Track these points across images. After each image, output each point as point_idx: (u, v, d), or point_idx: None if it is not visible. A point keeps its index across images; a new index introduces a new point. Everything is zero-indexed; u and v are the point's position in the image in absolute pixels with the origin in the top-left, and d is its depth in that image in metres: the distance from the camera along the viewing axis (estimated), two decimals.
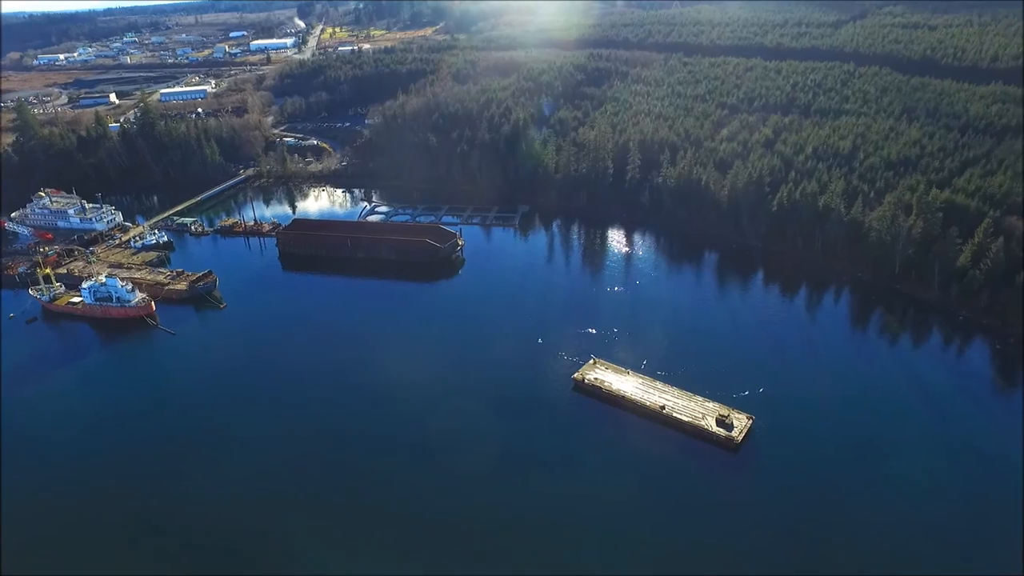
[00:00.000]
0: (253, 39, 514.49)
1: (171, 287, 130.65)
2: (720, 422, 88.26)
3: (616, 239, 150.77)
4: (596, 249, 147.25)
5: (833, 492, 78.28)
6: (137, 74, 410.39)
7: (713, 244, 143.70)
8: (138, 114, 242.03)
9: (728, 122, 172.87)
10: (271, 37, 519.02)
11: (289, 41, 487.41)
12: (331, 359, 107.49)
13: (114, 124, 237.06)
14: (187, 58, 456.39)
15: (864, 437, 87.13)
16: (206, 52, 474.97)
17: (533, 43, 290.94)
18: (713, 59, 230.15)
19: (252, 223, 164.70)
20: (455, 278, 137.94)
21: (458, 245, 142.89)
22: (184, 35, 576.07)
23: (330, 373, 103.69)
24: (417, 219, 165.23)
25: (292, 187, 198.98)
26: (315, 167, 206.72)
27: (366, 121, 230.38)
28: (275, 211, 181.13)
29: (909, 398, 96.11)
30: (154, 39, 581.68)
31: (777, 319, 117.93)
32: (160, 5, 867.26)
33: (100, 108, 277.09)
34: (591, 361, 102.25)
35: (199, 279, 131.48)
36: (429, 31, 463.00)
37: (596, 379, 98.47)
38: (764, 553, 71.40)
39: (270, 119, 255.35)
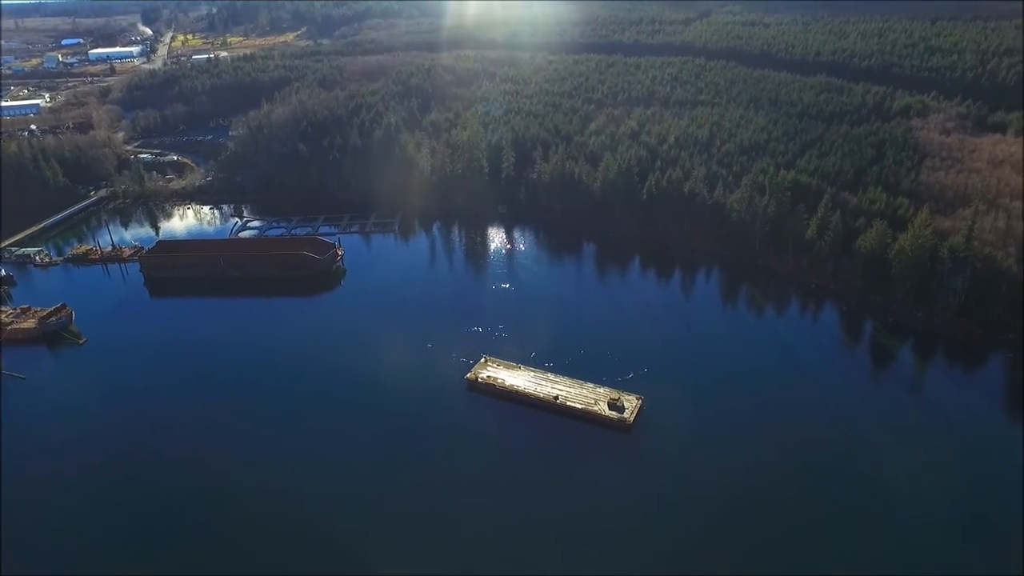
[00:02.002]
0: (92, 47, 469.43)
1: (16, 326, 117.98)
2: (612, 405, 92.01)
3: (496, 237, 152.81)
4: (477, 248, 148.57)
5: (722, 459, 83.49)
6: None
7: (590, 234, 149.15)
8: None
9: (595, 116, 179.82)
10: (113, 45, 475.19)
11: (135, 49, 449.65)
12: (209, 387, 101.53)
13: None
14: (10, 68, 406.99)
15: (741, 403, 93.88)
16: (34, 62, 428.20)
17: (400, 46, 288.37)
18: (577, 56, 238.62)
19: (110, 248, 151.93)
20: (337, 289, 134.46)
21: (338, 255, 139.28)
22: (4, 42, 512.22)
23: (208, 403, 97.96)
24: (293, 232, 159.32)
25: (153, 207, 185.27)
26: (177, 184, 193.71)
27: (230, 133, 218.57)
28: (136, 234, 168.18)
29: (777, 362, 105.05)
30: None
31: (655, 301, 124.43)
32: None
33: None
34: (483, 359, 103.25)
35: (50, 314, 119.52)
36: (290, 37, 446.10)
37: (489, 376, 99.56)
38: (662, 524, 75.46)
39: (121, 135, 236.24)
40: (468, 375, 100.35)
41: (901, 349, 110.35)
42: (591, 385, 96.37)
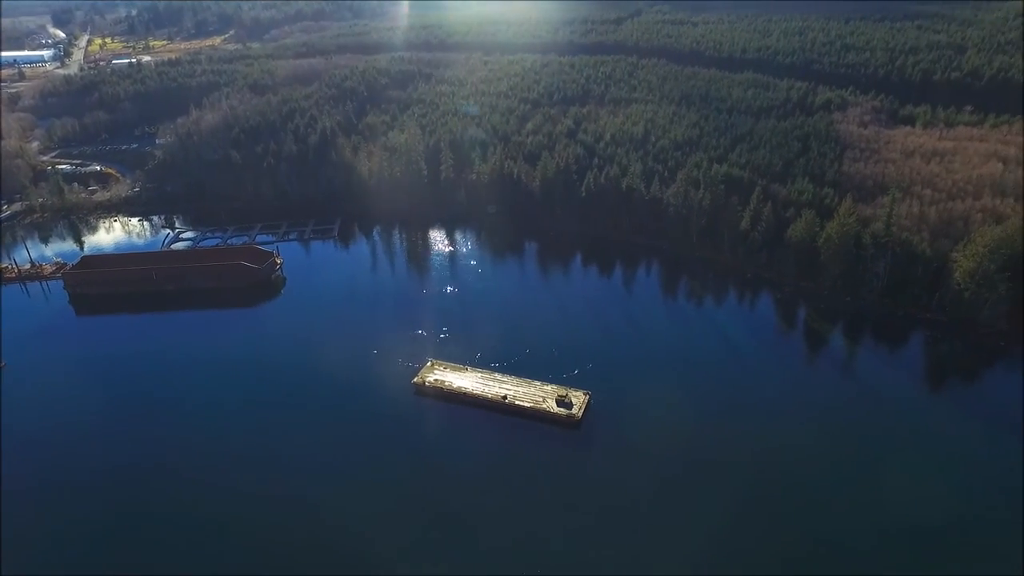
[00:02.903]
0: None
1: None
2: (560, 402, 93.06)
3: (438, 239, 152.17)
4: (419, 252, 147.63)
5: (670, 449, 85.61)
6: None
7: (531, 234, 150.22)
8: None
9: (532, 116, 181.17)
10: (21, 49, 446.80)
11: (47, 53, 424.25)
12: (145, 405, 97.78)
13: None
14: None
15: (686, 393, 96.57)
16: None
17: (333, 49, 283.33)
18: (512, 57, 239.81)
19: (29, 266, 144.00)
20: (278, 298, 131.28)
21: (277, 264, 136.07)
22: None
23: (144, 421, 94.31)
24: (229, 241, 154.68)
25: (76, 221, 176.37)
26: (101, 196, 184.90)
27: (157, 141, 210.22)
28: (58, 249, 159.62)
29: (718, 351, 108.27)
30: None
31: (598, 297, 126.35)
32: None
33: None
34: (429, 363, 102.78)
35: None
36: (217, 40, 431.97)
37: (436, 380, 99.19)
38: (614, 517, 76.70)
39: (35, 144, 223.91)
40: (415, 379, 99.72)
41: (832, 332, 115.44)
42: (539, 383, 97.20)
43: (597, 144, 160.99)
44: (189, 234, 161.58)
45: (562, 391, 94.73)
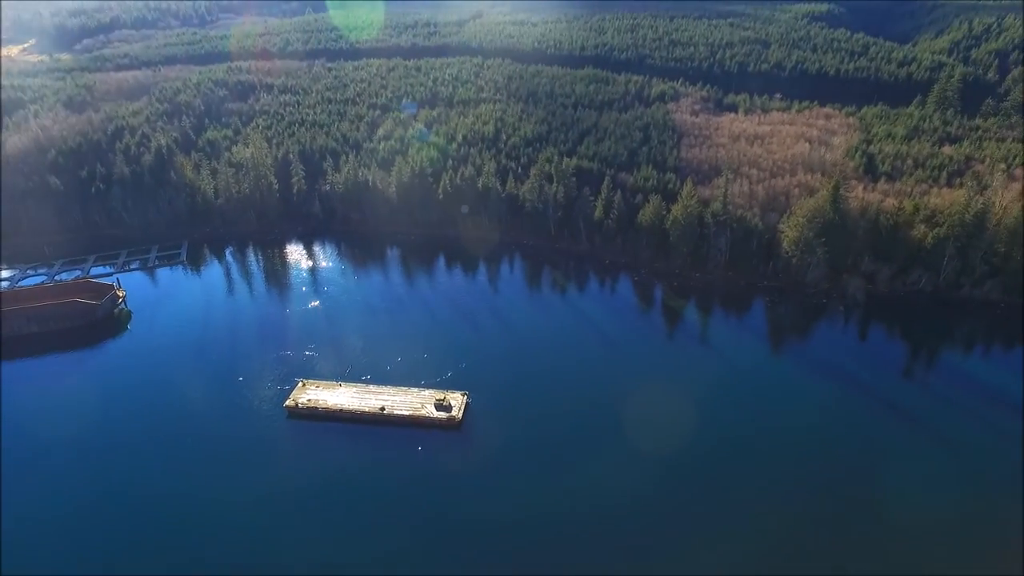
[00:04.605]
0: None
1: None
2: (439, 406, 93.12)
3: (296, 255, 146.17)
4: (277, 269, 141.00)
5: (550, 439, 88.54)
6: None
7: (392, 240, 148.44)
8: None
9: (382, 122, 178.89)
10: None
11: None
12: None
13: None
14: None
15: (559, 382, 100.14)
16: None
17: (160, 60, 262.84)
18: (356, 62, 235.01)
19: None
20: (124, 335, 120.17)
21: (119, 297, 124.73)
22: None
23: None
24: (57, 278, 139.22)
25: None
26: None
27: None
28: None
29: (586, 337, 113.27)
30: None
31: (464, 297, 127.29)
32: None
33: None
34: (300, 383, 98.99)
35: None
36: (14, 50, 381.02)
37: (309, 400, 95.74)
38: (499, 514, 78.13)
39: None
40: (287, 402, 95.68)
41: (687, 307, 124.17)
42: (415, 390, 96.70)
43: (450, 145, 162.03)
44: (6, 274, 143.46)
45: (440, 395, 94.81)
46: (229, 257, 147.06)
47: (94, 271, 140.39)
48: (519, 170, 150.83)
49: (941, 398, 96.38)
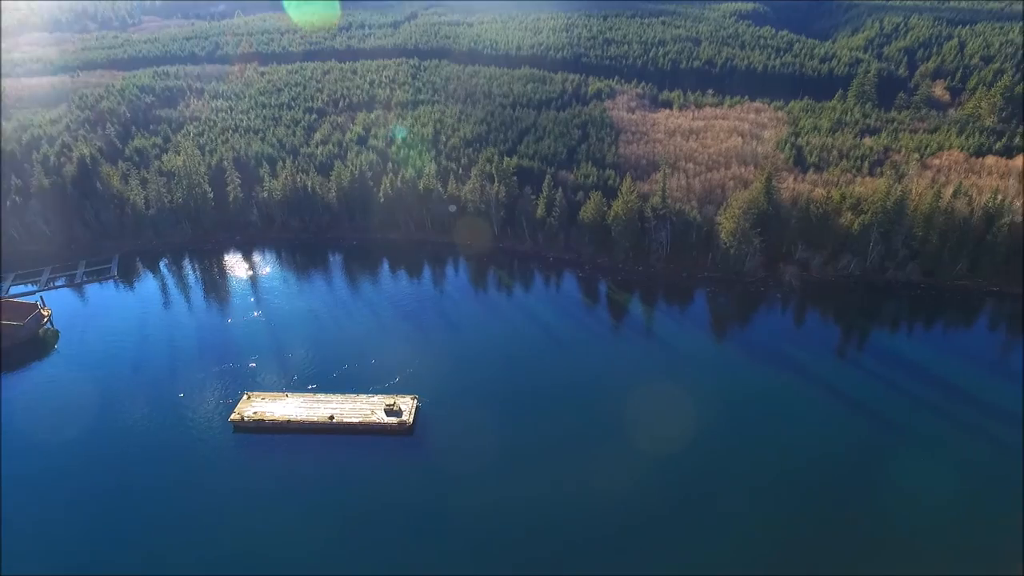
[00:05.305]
0: None
1: None
2: (389, 411, 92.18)
3: (235, 265, 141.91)
4: (216, 280, 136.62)
5: (502, 437, 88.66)
6: None
7: (334, 245, 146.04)
8: None
9: (319, 126, 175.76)
10: None
11: None
12: None
13: None
14: None
15: (509, 381, 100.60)
16: None
17: (78, 64, 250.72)
18: (290, 66, 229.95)
19: None
20: (51, 356, 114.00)
21: (44, 317, 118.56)
22: None
23: None
24: None
25: None
26: None
27: None
28: None
29: (533, 335, 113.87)
30: None
31: (408, 300, 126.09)
32: None
33: None
34: (244, 396, 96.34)
35: None
36: None
37: (255, 413, 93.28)
38: (452, 518, 78.02)
39: None
40: (232, 416, 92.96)
41: (631, 300, 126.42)
42: (364, 396, 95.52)
43: (389, 148, 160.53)
44: None
45: (389, 400, 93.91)
46: (164, 269, 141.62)
47: (13, 290, 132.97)
48: (460, 171, 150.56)
49: (872, 375, 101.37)
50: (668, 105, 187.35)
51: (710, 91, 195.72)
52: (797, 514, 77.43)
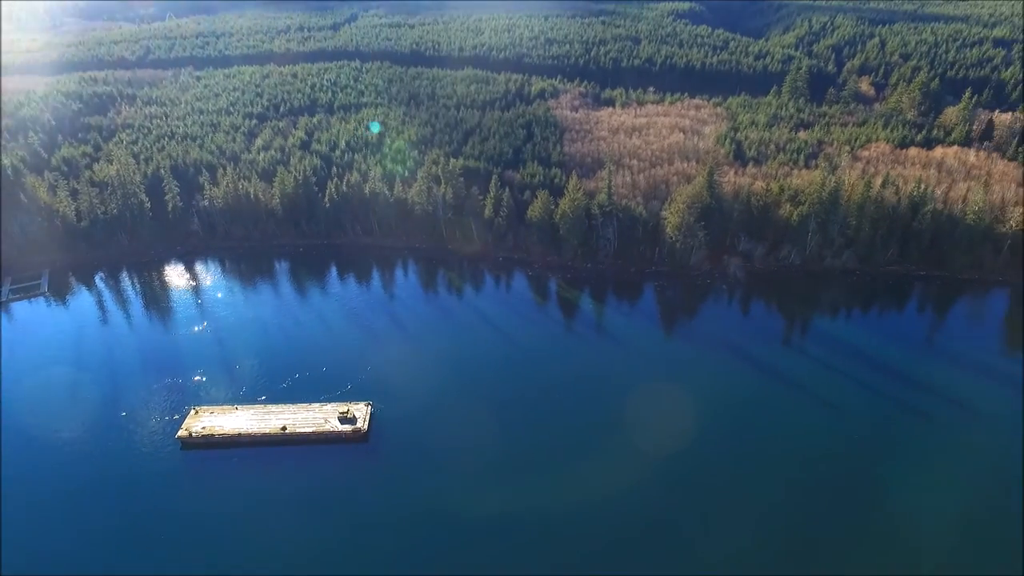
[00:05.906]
0: None
1: None
2: (343, 419, 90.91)
3: (176, 276, 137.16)
4: (157, 293, 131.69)
5: (456, 440, 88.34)
6: None
7: (280, 253, 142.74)
8: None
9: (260, 131, 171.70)
10: None
11: None
12: None
13: None
14: None
15: (460, 383, 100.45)
16: None
17: None
18: (227, 70, 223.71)
19: None
20: None
21: None
22: None
23: None
24: None
25: None
26: None
27: None
28: None
29: (485, 336, 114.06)
30: None
31: (358, 305, 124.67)
32: None
33: None
34: (192, 412, 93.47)
35: None
36: None
37: (204, 428, 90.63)
38: (410, 524, 77.54)
39: None
40: (179, 433, 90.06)
41: (581, 297, 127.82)
42: (316, 405, 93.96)
43: (333, 152, 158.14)
44: None
45: (343, 407, 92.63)
46: (100, 284, 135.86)
47: None
48: (406, 174, 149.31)
49: (815, 360, 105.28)
50: (611, 103, 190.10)
51: (651, 89, 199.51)
52: (740, 503, 79.91)
